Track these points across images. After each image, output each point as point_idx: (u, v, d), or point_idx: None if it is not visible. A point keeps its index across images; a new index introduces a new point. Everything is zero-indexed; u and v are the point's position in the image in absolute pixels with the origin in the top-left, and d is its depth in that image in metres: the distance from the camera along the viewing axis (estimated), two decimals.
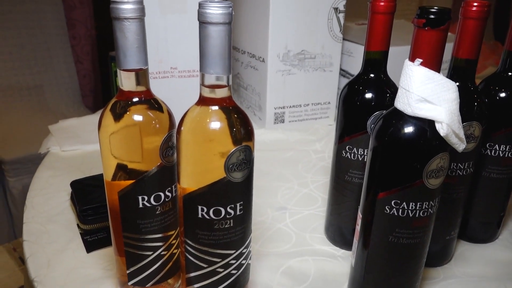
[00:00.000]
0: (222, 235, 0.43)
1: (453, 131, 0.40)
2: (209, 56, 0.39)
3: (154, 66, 0.81)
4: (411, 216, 0.43)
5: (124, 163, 0.42)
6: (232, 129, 0.40)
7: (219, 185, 0.41)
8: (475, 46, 0.49)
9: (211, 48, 0.38)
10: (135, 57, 0.41)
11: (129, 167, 0.42)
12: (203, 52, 0.39)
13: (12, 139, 1.73)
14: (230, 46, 0.39)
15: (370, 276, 0.47)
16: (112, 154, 0.42)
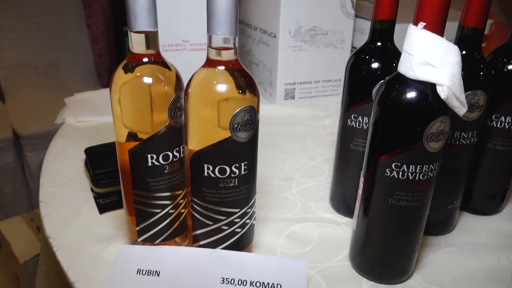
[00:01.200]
0: (227, 193, 0.45)
1: (454, 94, 0.40)
2: (216, 17, 0.40)
3: (166, 39, 0.82)
4: (411, 179, 0.44)
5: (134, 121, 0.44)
6: (238, 90, 0.42)
7: (224, 144, 0.42)
8: (482, 14, 0.49)
9: (218, 9, 0.39)
10: (145, 19, 0.42)
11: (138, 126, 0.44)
12: (210, 13, 0.40)
13: (29, 115, 1.77)
14: (237, 8, 0.40)
15: (370, 239, 0.48)
16: (122, 110, 0.43)
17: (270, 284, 0.46)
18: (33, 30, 2.02)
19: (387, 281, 0.50)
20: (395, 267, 0.50)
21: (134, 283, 0.47)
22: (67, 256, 0.52)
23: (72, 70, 2.08)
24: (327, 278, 0.50)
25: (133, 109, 0.43)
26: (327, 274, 0.51)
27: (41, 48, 2.03)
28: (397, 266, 0.50)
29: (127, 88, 0.43)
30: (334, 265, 0.53)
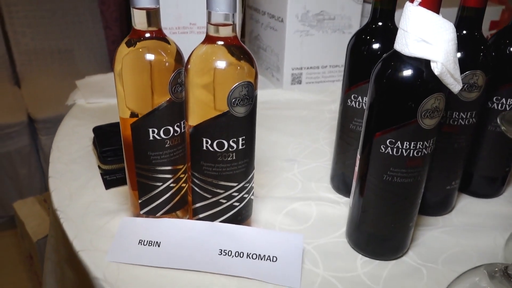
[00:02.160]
0: (225, 167, 0.46)
1: (448, 71, 0.41)
2: None
3: (173, 21, 0.83)
4: (405, 155, 0.44)
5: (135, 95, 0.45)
6: (236, 66, 0.43)
7: (222, 119, 0.44)
8: None
9: None
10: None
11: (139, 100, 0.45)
12: None
13: (44, 100, 1.81)
14: None
15: (366, 215, 0.49)
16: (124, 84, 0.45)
17: (266, 256, 0.48)
18: (48, 17, 2.05)
19: (381, 257, 0.51)
20: (390, 244, 0.51)
21: (136, 253, 0.49)
22: (73, 227, 0.54)
23: (86, 56, 2.11)
24: (322, 253, 0.52)
25: (135, 83, 0.45)
26: (323, 249, 0.52)
27: (56, 35, 2.06)
28: (392, 242, 0.51)
29: (128, 61, 0.44)
30: (330, 241, 0.54)
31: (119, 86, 0.46)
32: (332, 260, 0.51)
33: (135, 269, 0.48)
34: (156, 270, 0.48)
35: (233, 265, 0.48)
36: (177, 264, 0.48)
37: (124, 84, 0.45)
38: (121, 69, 0.44)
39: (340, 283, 0.47)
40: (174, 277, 0.47)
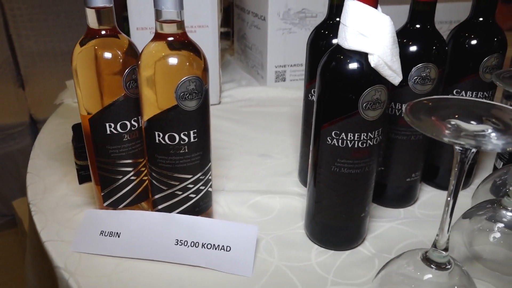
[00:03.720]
0: (178, 159, 0.48)
1: (385, 63, 0.42)
2: None
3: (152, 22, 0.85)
4: (350, 146, 0.45)
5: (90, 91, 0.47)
6: (182, 61, 0.44)
7: (171, 113, 0.45)
8: None
9: None
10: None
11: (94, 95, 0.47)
12: None
13: (46, 101, 1.85)
14: None
15: (320, 205, 0.51)
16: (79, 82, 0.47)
17: (220, 246, 0.49)
18: (52, 20, 2.09)
19: (336, 248, 0.52)
20: (344, 234, 0.52)
21: (97, 243, 0.51)
22: (42, 220, 0.56)
23: None
24: (280, 243, 0.53)
25: (88, 81, 0.47)
26: (281, 240, 0.54)
27: (59, 37, 2.10)
28: (346, 233, 0.52)
29: (80, 60, 0.46)
30: (290, 232, 0.55)
31: (76, 85, 0.48)
32: (288, 250, 0.52)
33: (95, 258, 0.50)
34: (115, 259, 0.50)
35: (188, 254, 0.49)
36: (135, 253, 0.50)
37: (80, 82, 0.47)
38: (75, 68, 0.46)
39: (291, 272, 0.49)
40: (131, 266, 0.49)
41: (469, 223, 0.42)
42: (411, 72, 0.52)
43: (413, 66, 0.51)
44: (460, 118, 0.28)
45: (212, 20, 0.88)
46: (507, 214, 0.40)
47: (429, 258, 0.34)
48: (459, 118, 0.28)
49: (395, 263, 0.36)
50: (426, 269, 0.34)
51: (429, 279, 0.34)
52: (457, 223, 0.44)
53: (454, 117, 0.28)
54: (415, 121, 0.27)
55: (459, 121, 0.28)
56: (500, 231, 0.41)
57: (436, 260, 0.33)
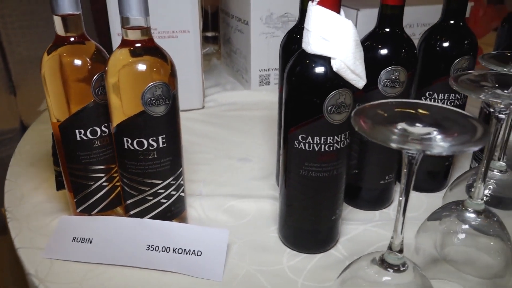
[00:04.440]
0: (147, 165, 0.48)
1: (348, 67, 0.42)
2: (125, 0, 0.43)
3: None
4: (316, 150, 0.46)
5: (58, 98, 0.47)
6: (148, 67, 0.45)
7: (139, 118, 0.46)
8: None
9: None
10: (66, 2, 0.45)
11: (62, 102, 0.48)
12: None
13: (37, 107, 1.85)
14: None
15: (290, 209, 0.51)
16: (48, 89, 0.47)
17: (191, 250, 0.49)
18: (42, 26, 2.09)
19: (308, 251, 0.52)
20: (316, 237, 0.52)
21: (69, 249, 0.51)
22: (17, 226, 0.56)
23: None
24: (252, 247, 0.53)
25: (56, 88, 0.47)
26: (254, 244, 0.54)
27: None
28: (317, 236, 0.52)
29: (47, 68, 0.46)
30: (263, 236, 0.55)
31: (45, 93, 0.48)
32: (260, 254, 0.52)
33: (67, 265, 0.50)
34: (87, 265, 0.50)
35: (159, 259, 0.49)
36: (106, 259, 0.50)
37: (48, 90, 0.47)
38: (44, 76, 0.47)
39: (262, 275, 0.49)
40: (102, 272, 0.49)
41: (435, 224, 0.42)
42: (380, 75, 0.52)
43: (382, 70, 0.52)
44: (406, 122, 0.28)
45: (194, 25, 0.88)
46: (470, 216, 0.41)
47: (385, 260, 0.34)
48: (405, 122, 0.28)
49: (355, 266, 0.36)
50: (382, 271, 0.34)
51: (386, 282, 0.34)
52: (424, 224, 0.44)
53: (400, 121, 0.28)
54: (363, 126, 0.27)
55: (405, 125, 0.28)
56: (465, 232, 0.41)
57: (391, 262, 0.34)
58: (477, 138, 0.27)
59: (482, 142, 0.27)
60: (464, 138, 0.27)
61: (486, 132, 0.27)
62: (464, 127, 0.28)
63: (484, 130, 0.27)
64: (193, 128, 0.86)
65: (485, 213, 0.40)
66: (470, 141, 0.27)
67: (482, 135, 0.27)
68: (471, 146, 0.26)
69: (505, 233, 0.41)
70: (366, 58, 0.52)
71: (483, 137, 0.27)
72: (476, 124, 0.28)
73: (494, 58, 0.44)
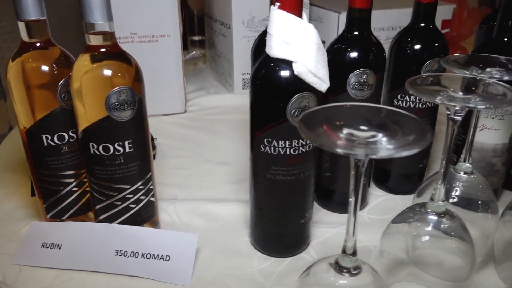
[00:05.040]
0: (114, 170, 0.48)
1: (309, 71, 0.42)
2: (87, 5, 0.43)
3: None
4: (282, 153, 0.46)
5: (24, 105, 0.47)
6: (113, 72, 0.45)
7: (103, 123, 0.46)
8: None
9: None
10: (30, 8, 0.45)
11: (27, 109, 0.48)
12: (82, 2, 0.43)
13: None
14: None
15: (260, 212, 0.51)
16: (14, 96, 0.47)
17: (160, 255, 0.49)
18: None
19: (279, 255, 0.52)
20: (285, 241, 0.52)
21: (38, 255, 0.51)
22: None
23: None
24: (223, 252, 0.53)
25: (21, 93, 0.47)
26: (225, 248, 0.54)
27: None
28: (287, 239, 0.52)
29: (12, 75, 0.46)
30: (235, 240, 0.55)
31: (12, 99, 0.48)
32: (231, 258, 0.52)
33: (36, 271, 0.50)
34: (55, 271, 0.50)
35: (128, 265, 0.49)
36: (75, 265, 0.50)
37: (14, 96, 0.47)
38: (9, 82, 0.47)
39: (230, 280, 0.49)
40: (70, 277, 0.49)
41: (398, 227, 0.43)
42: (349, 78, 0.52)
43: (351, 73, 0.52)
44: (352, 126, 0.28)
45: (174, 29, 0.88)
46: (431, 218, 0.41)
47: (339, 264, 0.34)
48: (350, 126, 0.28)
49: (312, 270, 0.36)
50: (337, 275, 0.34)
51: (341, 285, 0.34)
52: (388, 226, 0.44)
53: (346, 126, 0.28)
54: (309, 133, 0.27)
55: (351, 129, 0.28)
56: (427, 234, 0.41)
57: (345, 265, 0.34)
58: (420, 140, 0.27)
59: (425, 143, 0.27)
60: (408, 140, 0.27)
61: (429, 134, 0.27)
62: (410, 129, 0.28)
63: (428, 131, 0.27)
64: (174, 132, 0.86)
65: (447, 215, 0.40)
66: (413, 143, 0.27)
67: (426, 136, 0.27)
68: (415, 148, 0.27)
69: (467, 234, 0.41)
70: (335, 61, 0.52)
71: (427, 139, 0.27)
72: (422, 126, 0.28)
73: (456, 61, 0.44)
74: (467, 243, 0.41)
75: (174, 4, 0.86)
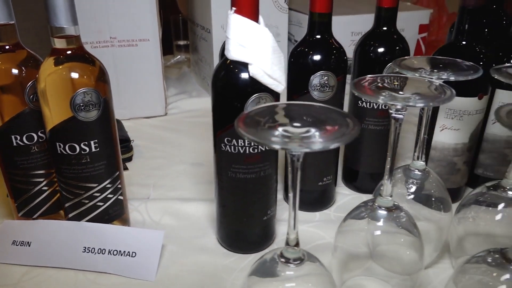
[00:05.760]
0: (81, 169, 0.49)
1: (265, 72, 0.44)
2: (52, 9, 0.44)
3: (93, 36, 0.87)
4: (241, 152, 0.47)
5: None
6: (78, 74, 0.46)
7: (69, 123, 0.47)
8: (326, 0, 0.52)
9: (53, 2, 0.44)
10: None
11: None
12: (47, 6, 0.45)
13: None
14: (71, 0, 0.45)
15: (224, 210, 0.52)
16: None
17: (126, 252, 0.51)
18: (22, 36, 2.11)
19: (243, 251, 0.53)
20: (249, 238, 0.53)
21: (8, 253, 0.52)
22: None
23: None
24: (190, 248, 0.55)
25: None
26: (192, 245, 0.55)
27: None
28: (251, 236, 0.53)
29: None
30: (203, 238, 0.57)
31: None
32: (196, 255, 0.54)
33: (5, 268, 0.51)
34: (24, 268, 0.51)
35: (95, 261, 0.51)
36: (44, 262, 0.51)
37: None
38: None
39: (193, 275, 0.50)
40: (39, 273, 0.50)
41: (350, 222, 0.44)
42: (311, 80, 0.54)
43: (312, 75, 0.54)
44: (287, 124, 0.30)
45: (153, 33, 0.90)
46: (380, 213, 0.42)
47: (283, 255, 0.35)
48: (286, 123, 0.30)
49: (261, 261, 0.38)
50: (282, 265, 0.35)
51: (287, 275, 0.35)
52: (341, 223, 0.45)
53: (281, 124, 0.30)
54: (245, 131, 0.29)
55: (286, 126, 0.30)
56: (376, 228, 0.43)
57: (289, 256, 0.35)
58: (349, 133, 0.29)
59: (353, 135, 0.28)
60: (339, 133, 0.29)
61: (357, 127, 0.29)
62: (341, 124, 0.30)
63: (356, 125, 0.29)
64: (153, 134, 0.88)
65: (394, 210, 0.42)
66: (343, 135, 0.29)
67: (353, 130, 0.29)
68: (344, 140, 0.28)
69: (415, 228, 0.42)
70: (297, 63, 0.54)
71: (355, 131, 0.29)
72: (349, 120, 0.30)
73: (407, 63, 0.46)
74: (414, 236, 0.42)
75: (153, 9, 0.88)
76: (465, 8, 0.55)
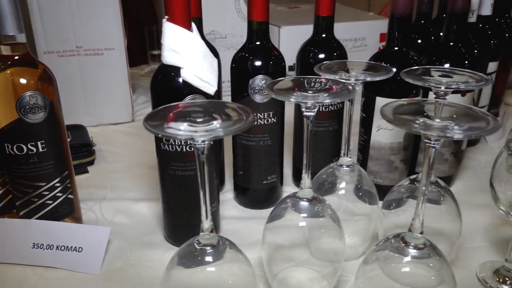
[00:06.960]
0: (29, 168, 0.52)
1: (195, 75, 0.47)
2: None
3: (59, 45, 0.90)
4: (179, 151, 0.51)
5: None
6: (24, 78, 0.50)
7: (15, 125, 0.50)
8: (262, 8, 0.56)
9: None
10: None
11: None
12: None
13: None
14: (16, 9, 0.48)
15: (167, 206, 0.55)
16: None
17: (73, 247, 0.54)
18: None
19: None
20: (192, 232, 0.56)
21: None
22: None
23: None
24: (136, 244, 0.57)
25: None
26: (139, 241, 0.58)
27: None
28: (193, 231, 0.56)
29: None
30: (151, 234, 0.60)
31: None
32: (142, 250, 0.56)
33: None
34: None
35: (44, 256, 0.53)
36: None
37: None
38: None
39: (137, 268, 0.53)
40: None
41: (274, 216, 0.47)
42: (249, 84, 0.57)
43: (251, 79, 0.57)
44: (193, 119, 0.34)
45: (118, 42, 0.93)
46: (302, 204, 0.45)
47: (200, 242, 0.39)
48: (190, 118, 0.34)
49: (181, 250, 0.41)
50: (200, 250, 0.39)
51: (205, 260, 0.39)
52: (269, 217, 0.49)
53: (187, 119, 0.34)
54: (152, 128, 0.32)
55: (190, 121, 0.33)
56: (299, 220, 0.46)
57: (205, 242, 0.39)
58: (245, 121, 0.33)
59: (248, 123, 0.32)
60: (235, 123, 0.33)
61: (250, 116, 0.33)
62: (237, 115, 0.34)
63: (250, 115, 0.33)
64: (118, 140, 0.91)
65: (314, 200, 0.45)
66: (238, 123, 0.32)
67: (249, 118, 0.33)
68: (240, 128, 0.32)
69: (336, 217, 0.46)
70: (238, 68, 0.58)
71: (249, 120, 0.33)
72: (246, 112, 0.34)
73: (328, 66, 0.49)
74: (334, 223, 0.46)
75: (118, 18, 0.91)
76: (394, 16, 0.59)
